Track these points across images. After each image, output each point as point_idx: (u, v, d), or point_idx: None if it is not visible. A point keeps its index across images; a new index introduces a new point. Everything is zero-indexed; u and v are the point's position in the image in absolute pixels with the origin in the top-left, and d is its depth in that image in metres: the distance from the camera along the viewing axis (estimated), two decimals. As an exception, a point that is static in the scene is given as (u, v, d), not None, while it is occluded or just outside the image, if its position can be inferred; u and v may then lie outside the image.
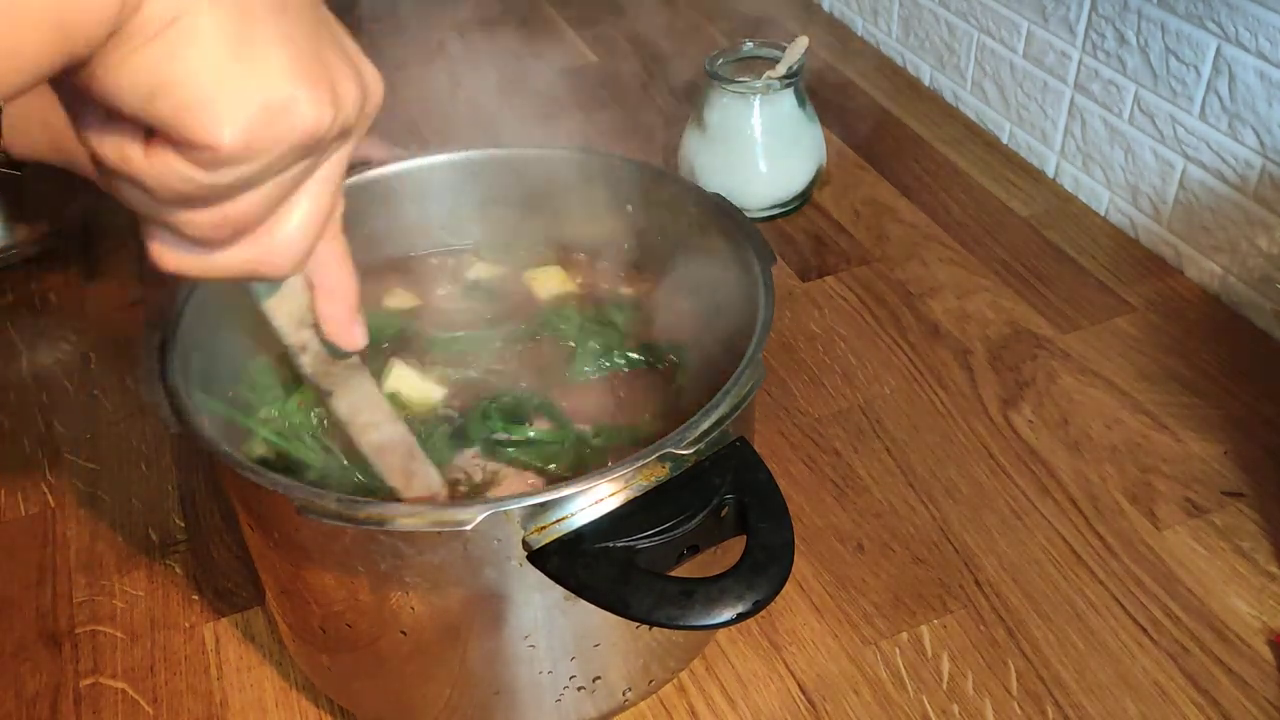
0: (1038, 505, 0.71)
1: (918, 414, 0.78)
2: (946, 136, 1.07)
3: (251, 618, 0.67)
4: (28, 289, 0.92)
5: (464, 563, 0.49)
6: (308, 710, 0.63)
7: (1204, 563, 0.68)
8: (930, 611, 0.66)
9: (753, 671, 0.63)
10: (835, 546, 0.70)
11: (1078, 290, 0.88)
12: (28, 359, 0.86)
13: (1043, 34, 0.97)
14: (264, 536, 0.54)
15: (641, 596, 0.45)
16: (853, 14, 1.24)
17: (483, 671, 0.54)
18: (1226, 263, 0.85)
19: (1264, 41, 0.78)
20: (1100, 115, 0.94)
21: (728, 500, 0.49)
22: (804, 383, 0.81)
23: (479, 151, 0.72)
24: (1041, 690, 0.62)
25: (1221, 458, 0.74)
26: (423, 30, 1.28)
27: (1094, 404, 0.78)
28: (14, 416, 0.81)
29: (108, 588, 0.69)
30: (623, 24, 1.28)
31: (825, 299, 0.89)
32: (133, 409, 0.81)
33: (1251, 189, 0.82)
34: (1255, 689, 0.61)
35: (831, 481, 0.74)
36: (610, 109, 1.13)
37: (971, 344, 0.84)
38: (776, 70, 0.92)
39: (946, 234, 0.94)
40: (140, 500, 0.75)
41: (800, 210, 0.98)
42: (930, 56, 1.13)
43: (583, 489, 0.48)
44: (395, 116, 1.20)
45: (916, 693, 0.62)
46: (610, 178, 0.69)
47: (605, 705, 0.58)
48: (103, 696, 0.64)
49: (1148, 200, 0.91)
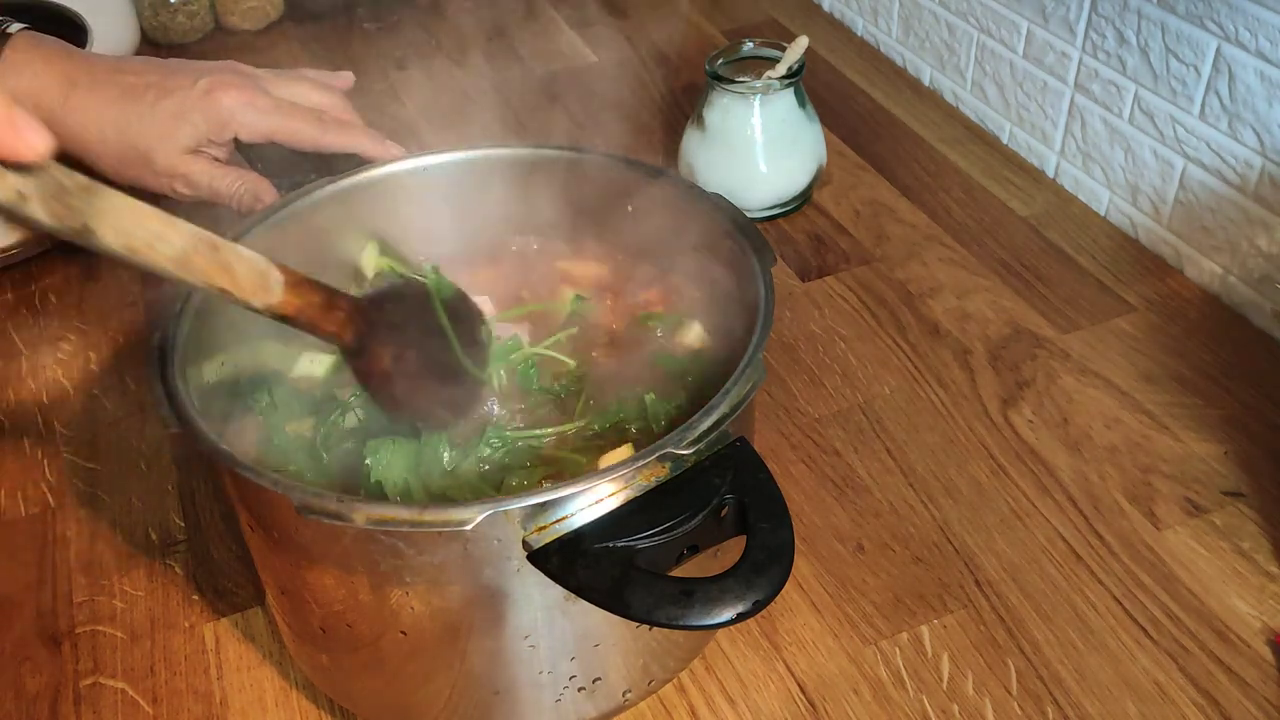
0: (1038, 505, 0.71)
1: (918, 414, 0.78)
2: (946, 136, 1.07)
3: (251, 617, 0.67)
4: (28, 289, 0.92)
5: (464, 563, 0.49)
6: (308, 710, 0.63)
7: (1204, 563, 0.68)
8: (930, 611, 0.66)
9: (753, 671, 0.63)
10: (835, 546, 0.70)
11: (1078, 290, 0.88)
12: (28, 359, 0.86)
13: (1043, 34, 0.97)
14: (264, 536, 0.54)
15: (641, 596, 0.45)
16: (853, 14, 1.24)
17: (482, 671, 0.54)
18: (1226, 263, 0.85)
19: (1264, 41, 0.78)
20: (1100, 115, 0.94)
21: (728, 500, 0.49)
22: (804, 383, 0.81)
23: (478, 151, 0.72)
24: (1041, 690, 0.62)
25: (1221, 458, 0.74)
26: (422, 30, 1.28)
27: (1094, 404, 0.78)
28: (14, 416, 0.81)
29: (108, 588, 0.69)
30: (623, 24, 1.28)
31: (825, 299, 0.89)
32: (133, 409, 0.81)
33: (1251, 189, 0.82)
34: (1255, 689, 0.61)
35: (831, 481, 0.74)
36: (610, 109, 1.13)
37: (971, 344, 0.84)
38: (776, 70, 0.92)
39: (946, 234, 0.94)
40: (140, 500, 0.75)
41: (800, 210, 0.98)
42: (930, 56, 1.13)
43: (583, 489, 0.48)
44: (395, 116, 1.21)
45: (916, 693, 0.62)
46: (610, 178, 0.69)
47: (605, 705, 0.58)
48: (103, 696, 0.64)
49: (1148, 200, 0.91)
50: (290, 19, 1.30)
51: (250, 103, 0.74)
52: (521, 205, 0.72)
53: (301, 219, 0.67)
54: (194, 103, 0.73)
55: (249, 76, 0.76)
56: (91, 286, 0.92)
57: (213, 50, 1.25)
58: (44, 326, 0.89)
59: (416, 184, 0.71)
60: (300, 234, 0.67)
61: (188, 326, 0.58)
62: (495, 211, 0.73)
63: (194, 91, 0.73)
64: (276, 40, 1.27)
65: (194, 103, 0.73)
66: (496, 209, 0.72)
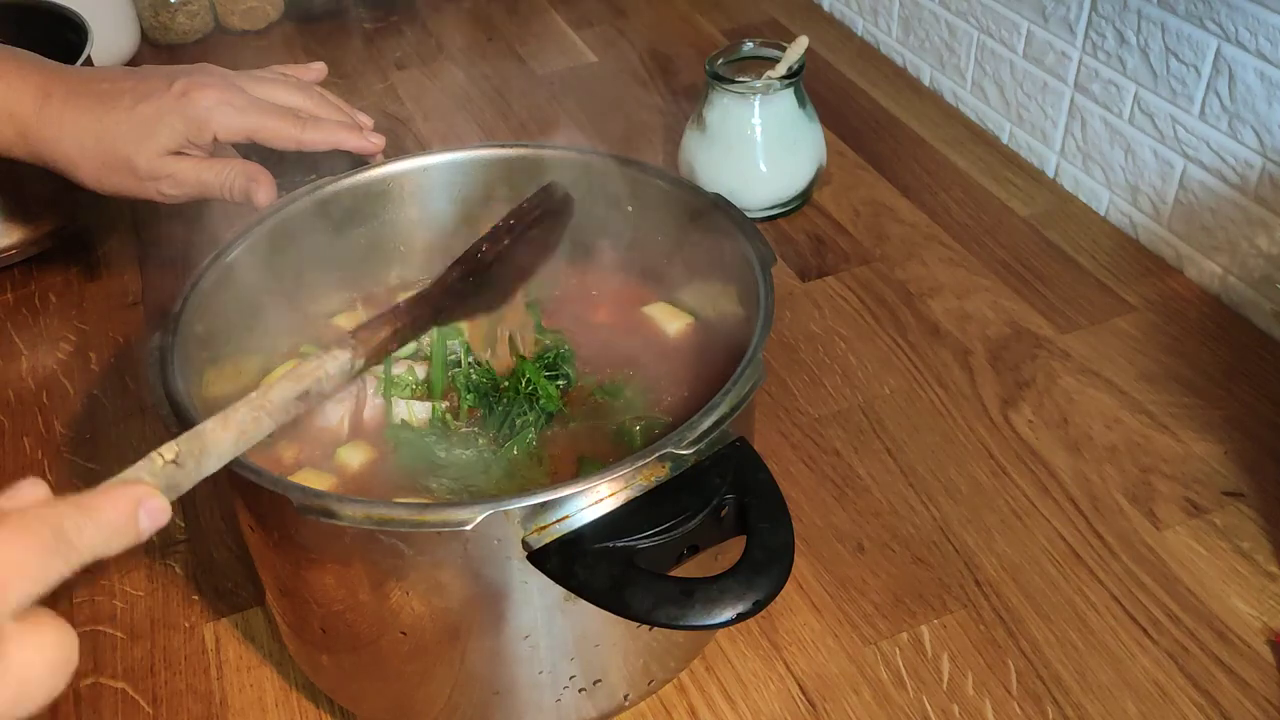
0: (1038, 505, 0.71)
1: (918, 414, 0.78)
2: (946, 136, 1.07)
3: (251, 618, 0.67)
4: (28, 289, 0.92)
5: (464, 563, 0.49)
6: (308, 710, 0.63)
7: (1204, 563, 0.68)
8: (930, 611, 0.66)
9: (753, 671, 0.63)
10: (835, 546, 0.70)
11: (1078, 290, 0.88)
12: (28, 359, 0.86)
13: (1043, 34, 0.97)
14: (264, 536, 0.54)
15: (641, 596, 0.45)
16: (853, 14, 1.24)
17: (482, 671, 0.54)
18: (1226, 263, 0.85)
19: (1264, 41, 0.78)
20: (1100, 115, 0.94)
21: (728, 500, 0.49)
22: (804, 383, 0.81)
23: (478, 152, 0.72)
24: (1041, 690, 0.62)
25: (1221, 458, 0.74)
26: (422, 30, 1.28)
27: (1094, 404, 0.78)
28: (14, 416, 0.81)
29: (108, 588, 0.69)
30: (623, 24, 1.28)
31: (825, 299, 0.89)
32: (133, 409, 0.81)
33: (1251, 189, 0.82)
34: (1255, 689, 0.61)
35: (831, 481, 0.74)
36: (610, 109, 1.13)
37: (971, 344, 0.84)
38: (776, 70, 0.92)
39: (946, 234, 0.94)
40: (140, 500, 0.74)
41: (800, 210, 0.98)
42: (930, 56, 1.13)
43: (583, 489, 0.48)
44: (395, 116, 1.21)
45: (916, 693, 0.62)
46: (610, 178, 0.69)
47: (605, 705, 0.58)
48: (103, 696, 0.64)
49: (1148, 200, 0.91)
50: (290, 19, 1.30)
51: (228, 101, 0.73)
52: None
53: (301, 219, 0.67)
54: (171, 104, 0.72)
55: (224, 76, 0.75)
56: (91, 286, 0.92)
57: (213, 50, 1.25)
58: (44, 326, 0.89)
59: (416, 184, 0.71)
60: (301, 235, 0.67)
61: (188, 327, 0.58)
62: (494, 211, 0.73)
63: (170, 94, 0.72)
64: (276, 40, 1.27)
65: (171, 104, 0.72)
66: (496, 209, 0.72)
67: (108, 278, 0.93)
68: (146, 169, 0.73)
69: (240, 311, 0.64)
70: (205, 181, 0.74)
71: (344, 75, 1.19)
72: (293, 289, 0.68)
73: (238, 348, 0.64)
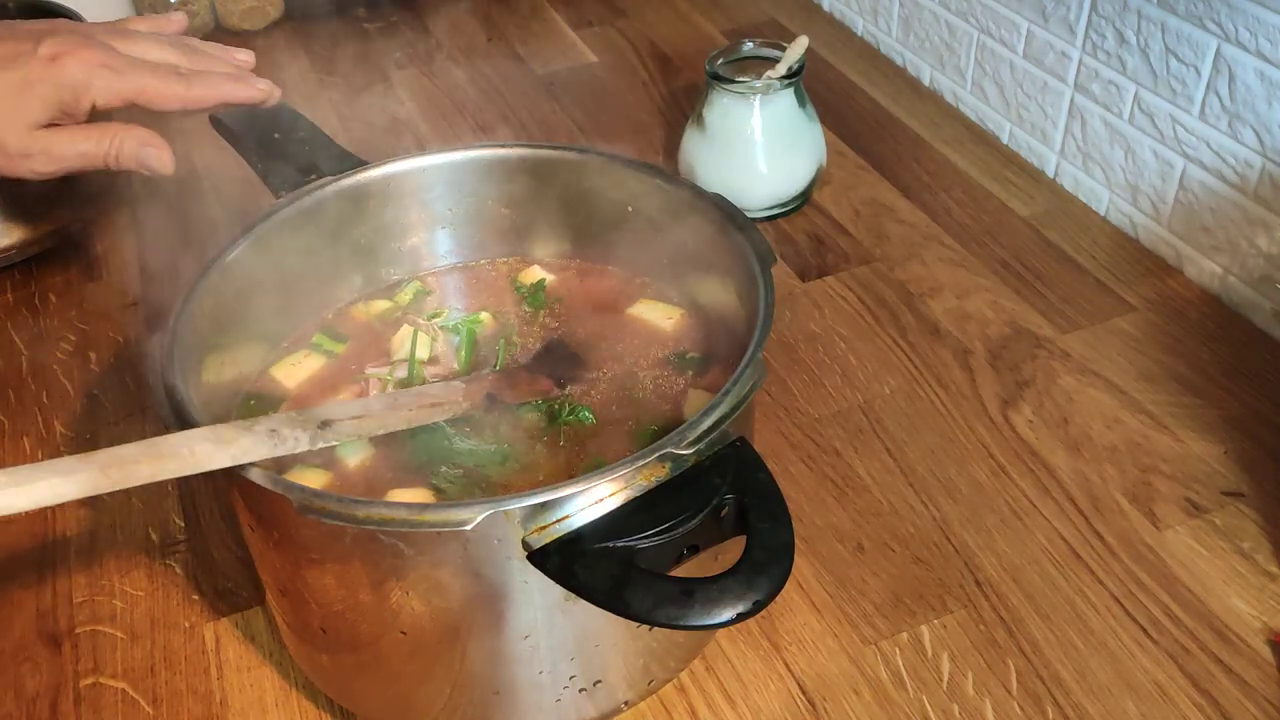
0: (1038, 505, 0.71)
1: (918, 414, 0.78)
2: (946, 136, 1.07)
3: (251, 618, 0.67)
4: (28, 289, 0.92)
5: (464, 563, 0.49)
6: (308, 710, 0.63)
7: (1204, 563, 0.68)
8: (930, 611, 0.66)
9: (753, 671, 0.63)
10: (835, 546, 0.70)
11: (1078, 290, 0.88)
12: (28, 359, 0.86)
13: (1043, 34, 0.97)
14: (264, 536, 0.54)
15: (641, 596, 0.45)
16: (853, 14, 1.24)
17: (482, 671, 0.54)
18: (1226, 263, 0.85)
19: (1264, 41, 0.78)
20: (1100, 115, 0.94)
21: (728, 500, 0.49)
22: (804, 383, 0.81)
23: (477, 152, 0.72)
24: (1041, 690, 0.62)
25: (1221, 458, 0.74)
26: (421, 30, 1.28)
27: (1094, 404, 0.78)
28: (14, 416, 0.81)
29: (108, 588, 0.69)
30: (623, 24, 1.28)
31: (825, 299, 0.89)
32: (133, 409, 0.81)
33: (1251, 189, 0.82)
34: (1255, 689, 0.61)
35: (831, 481, 0.74)
36: (610, 109, 1.13)
37: (971, 344, 0.84)
38: (776, 70, 0.92)
39: (946, 234, 0.94)
40: (140, 500, 0.75)
41: (800, 210, 0.98)
42: (930, 56, 1.13)
43: (582, 489, 0.48)
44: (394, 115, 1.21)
45: (916, 693, 0.62)
46: (610, 178, 0.69)
47: (605, 705, 0.58)
48: (103, 696, 0.64)
49: (1148, 200, 0.91)
50: (290, 19, 1.30)
51: (104, 64, 0.66)
52: (520, 205, 0.72)
53: (301, 219, 0.67)
54: (40, 72, 0.65)
55: (90, 35, 0.68)
56: (91, 286, 0.92)
57: (213, 50, 1.24)
58: (44, 326, 0.89)
59: (416, 184, 0.71)
60: (301, 234, 0.67)
61: (188, 327, 0.58)
62: (494, 211, 0.73)
63: (37, 59, 0.65)
64: (276, 40, 1.27)
65: (40, 72, 0.65)
66: (495, 209, 0.72)
67: (108, 278, 0.93)
68: (16, 146, 0.66)
69: (240, 312, 0.64)
70: (85, 153, 0.67)
71: (344, 75, 1.19)
72: (293, 289, 0.68)
73: (238, 348, 0.64)
